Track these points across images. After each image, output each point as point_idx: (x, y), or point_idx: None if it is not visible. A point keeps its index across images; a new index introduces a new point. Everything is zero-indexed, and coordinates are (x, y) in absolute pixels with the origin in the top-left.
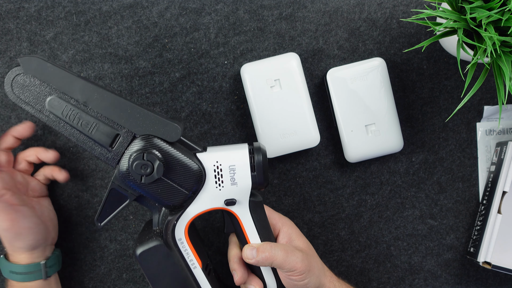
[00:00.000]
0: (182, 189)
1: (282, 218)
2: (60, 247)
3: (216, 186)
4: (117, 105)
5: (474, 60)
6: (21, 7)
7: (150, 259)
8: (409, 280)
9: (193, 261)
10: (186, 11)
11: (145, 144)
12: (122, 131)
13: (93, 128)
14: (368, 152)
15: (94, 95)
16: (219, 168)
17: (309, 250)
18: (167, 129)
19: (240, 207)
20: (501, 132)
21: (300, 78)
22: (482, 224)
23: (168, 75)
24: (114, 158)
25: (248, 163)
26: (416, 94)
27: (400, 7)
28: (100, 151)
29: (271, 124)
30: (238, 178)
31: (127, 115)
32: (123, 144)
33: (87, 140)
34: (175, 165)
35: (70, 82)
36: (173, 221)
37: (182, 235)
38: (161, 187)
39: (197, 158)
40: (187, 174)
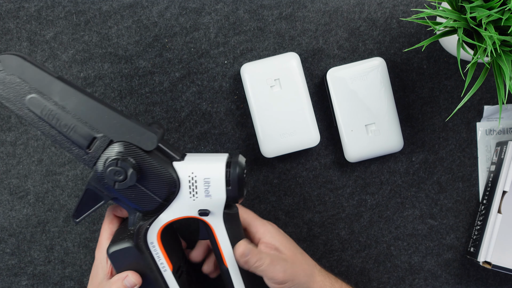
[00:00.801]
0: (155, 197)
1: (264, 225)
2: (60, 247)
3: (190, 196)
4: (95, 110)
5: (474, 60)
6: (21, 6)
7: (121, 259)
8: (409, 280)
9: (164, 264)
10: (186, 10)
11: (121, 150)
12: (99, 135)
13: (71, 129)
14: (368, 152)
15: (73, 98)
16: (194, 180)
17: (295, 257)
18: (143, 138)
19: (213, 218)
20: (501, 132)
21: (300, 78)
22: (482, 224)
23: (168, 74)
24: (91, 160)
25: (223, 178)
26: (416, 93)
27: (400, 7)
28: (77, 152)
29: (271, 124)
30: (212, 191)
31: (105, 121)
32: (100, 148)
33: (64, 141)
34: (149, 173)
35: (49, 83)
36: (145, 226)
37: (154, 239)
38: (135, 193)
39: (173, 167)
40: (160, 183)
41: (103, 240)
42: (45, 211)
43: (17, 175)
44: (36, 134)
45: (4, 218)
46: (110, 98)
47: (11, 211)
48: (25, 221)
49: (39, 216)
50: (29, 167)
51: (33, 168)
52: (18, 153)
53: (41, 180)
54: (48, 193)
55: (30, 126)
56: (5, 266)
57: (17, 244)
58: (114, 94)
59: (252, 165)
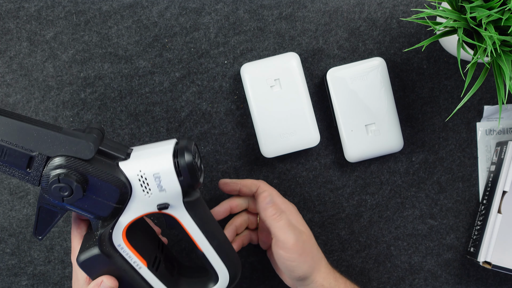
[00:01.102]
0: (108, 202)
1: (284, 203)
2: (60, 247)
3: (144, 194)
4: (22, 131)
5: (474, 60)
6: (21, 6)
7: (92, 266)
8: (409, 280)
9: (137, 262)
10: (186, 10)
11: (60, 164)
12: (35, 153)
13: (5, 154)
14: (368, 152)
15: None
16: (144, 177)
17: (310, 239)
18: (79, 148)
19: (175, 209)
20: (501, 132)
21: (300, 78)
22: (482, 224)
23: (168, 74)
24: (34, 179)
25: (172, 169)
26: (416, 93)
27: (400, 7)
28: (19, 174)
29: (271, 124)
30: (165, 185)
31: (35, 139)
32: (39, 166)
33: (3, 166)
34: (96, 181)
35: None
36: (107, 231)
37: (121, 241)
38: (87, 202)
39: (120, 169)
40: (110, 189)
41: (75, 245)
42: None
43: None
44: None
45: (4, 218)
46: (110, 98)
47: (11, 211)
48: (25, 221)
49: None
50: None
51: None
52: None
53: None
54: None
55: None
56: (5, 266)
57: (17, 244)
58: (114, 94)
59: (252, 165)
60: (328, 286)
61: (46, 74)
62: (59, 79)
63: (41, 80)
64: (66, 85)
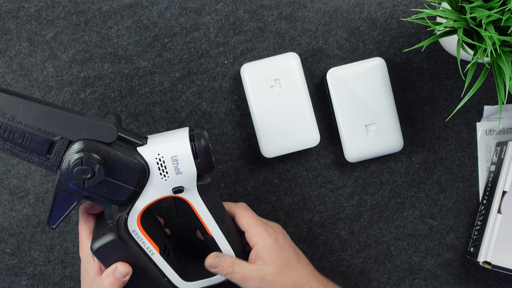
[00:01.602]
0: (127, 186)
1: (259, 233)
2: (60, 247)
3: (161, 177)
4: (45, 114)
5: (474, 60)
6: (21, 6)
7: (106, 253)
8: (409, 280)
9: (150, 248)
10: (186, 10)
11: (82, 148)
12: (57, 138)
13: (26, 139)
14: (368, 152)
15: (20, 107)
16: (162, 160)
17: (279, 276)
18: (101, 131)
19: (189, 193)
20: (501, 132)
21: (300, 78)
22: (482, 224)
23: (168, 74)
24: (54, 165)
25: (190, 152)
26: (416, 94)
27: (400, 7)
28: (38, 160)
29: (271, 124)
30: (182, 167)
31: (59, 123)
32: (60, 151)
33: (22, 152)
34: (116, 164)
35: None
36: (124, 216)
37: (135, 227)
38: (106, 186)
39: (139, 153)
40: (129, 172)
41: (84, 239)
42: (45, 211)
43: (17, 175)
44: None
45: (4, 218)
46: (110, 98)
47: (11, 211)
48: (25, 221)
49: (39, 216)
50: (29, 167)
51: (33, 168)
52: None
53: (41, 180)
54: (48, 193)
55: None
56: (5, 266)
57: (17, 244)
58: (114, 94)
59: (252, 165)
60: None
61: (46, 74)
62: (59, 79)
63: (41, 80)
64: (66, 85)
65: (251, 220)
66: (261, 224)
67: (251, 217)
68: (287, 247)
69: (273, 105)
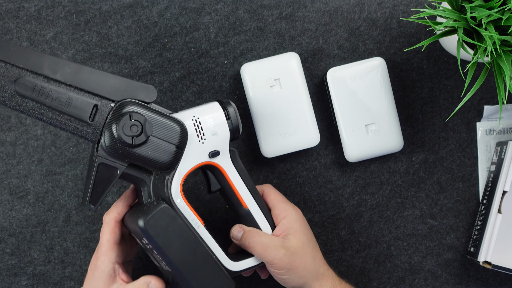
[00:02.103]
0: (170, 144)
1: (286, 210)
2: (60, 247)
3: (199, 140)
4: (90, 75)
5: (474, 60)
6: (21, 6)
7: (157, 225)
8: (409, 280)
9: (196, 221)
10: (186, 10)
11: (127, 107)
12: (100, 101)
13: (68, 104)
14: (368, 152)
15: (65, 68)
16: (198, 121)
17: (301, 249)
18: (144, 91)
19: (222, 158)
20: (501, 132)
21: (300, 77)
22: (482, 224)
23: (168, 74)
24: (96, 132)
25: (222, 112)
26: (416, 93)
27: (400, 7)
28: (80, 127)
29: (271, 124)
30: (216, 127)
31: (102, 84)
32: (103, 114)
33: (64, 119)
34: (159, 122)
35: (37, 58)
36: (165, 183)
37: (179, 196)
38: (151, 146)
39: (175, 117)
40: (171, 129)
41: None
42: (45, 211)
43: (17, 175)
44: (36, 134)
45: (4, 218)
46: None
47: (11, 211)
48: (25, 221)
49: (39, 216)
50: (29, 167)
51: (33, 168)
52: (18, 153)
53: (41, 180)
54: (48, 193)
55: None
56: (5, 266)
57: (17, 244)
58: None
59: (252, 165)
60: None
61: None
62: None
63: None
64: None
65: (279, 197)
66: (288, 202)
67: (278, 195)
68: (309, 226)
69: (273, 105)
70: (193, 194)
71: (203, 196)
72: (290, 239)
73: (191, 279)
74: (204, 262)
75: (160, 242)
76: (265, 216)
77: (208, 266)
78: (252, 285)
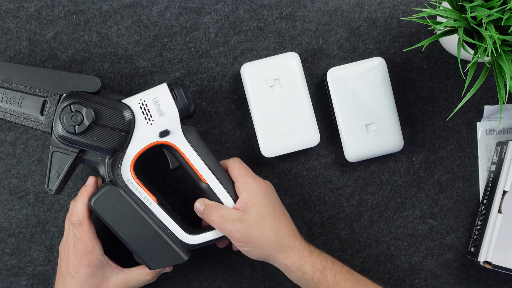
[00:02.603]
0: (116, 131)
1: (248, 182)
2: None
3: (146, 122)
4: (36, 74)
5: (474, 59)
6: (20, 6)
7: (105, 203)
8: (410, 280)
9: (147, 198)
10: (186, 10)
11: (71, 99)
12: (48, 96)
13: (21, 100)
14: (368, 152)
15: (14, 71)
16: (144, 104)
17: (261, 221)
18: (87, 82)
19: (175, 136)
20: (502, 132)
21: (300, 77)
22: (482, 224)
23: (168, 74)
24: (48, 124)
25: (168, 93)
26: (416, 93)
27: (400, 7)
28: (34, 121)
29: (271, 124)
30: (163, 107)
31: (48, 80)
32: (52, 107)
33: (19, 114)
34: (103, 110)
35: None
36: (116, 164)
37: (129, 176)
38: (96, 134)
39: (122, 102)
40: (116, 116)
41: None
42: (45, 211)
43: (17, 175)
44: (36, 134)
45: (4, 218)
46: None
47: (11, 211)
48: (25, 221)
49: (39, 216)
50: (29, 167)
51: (33, 168)
52: (18, 153)
53: (41, 180)
54: (48, 193)
55: None
56: (5, 266)
57: (16, 244)
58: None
59: (252, 165)
60: (291, 265)
61: None
62: None
63: None
64: None
65: (242, 170)
66: (252, 175)
67: (242, 168)
68: (274, 199)
69: (273, 105)
70: (161, 173)
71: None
72: (250, 211)
73: (141, 252)
74: (152, 236)
75: (108, 220)
76: (226, 189)
77: (157, 240)
78: (252, 285)
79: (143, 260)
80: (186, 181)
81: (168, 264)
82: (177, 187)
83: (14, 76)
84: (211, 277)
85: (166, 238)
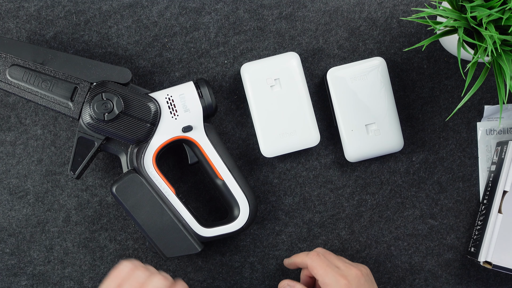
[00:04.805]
0: (142, 122)
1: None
2: (60, 247)
3: (171, 116)
4: (70, 61)
5: (474, 59)
6: (20, 6)
7: (127, 191)
8: (410, 280)
9: (166, 189)
10: (186, 10)
11: (102, 87)
12: (79, 83)
13: (53, 85)
14: (368, 152)
15: (49, 56)
16: (171, 99)
17: None
18: (118, 73)
19: (197, 132)
20: (502, 132)
21: (300, 77)
22: (482, 224)
23: (168, 74)
24: (76, 109)
25: (195, 90)
26: (416, 93)
27: (400, 6)
28: (63, 106)
29: (271, 124)
30: (189, 104)
31: (81, 68)
32: (82, 94)
33: (49, 99)
34: (132, 101)
35: (24, 49)
36: (140, 154)
37: (151, 166)
38: (123, 123)
39: (150, 96)
40: (143, 108)
41: None
42: (45, 211)
43: (17, 175)
44: (36, 134)
45: (4, 218)
46: None
47: (11, 211)
48: (25, 221)
49: (39, 216)
50: (28, 167)
51: (33, 168)
52: (18, 153)
53: (41, 180)
54: (48, 193)
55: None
56: (4, 266)
57: (16, 244)
58: None
59: (252, 165)
60: None
61: None
62: None
63: None
64: None
65: (321, 271)
66: (332, 273)
67: (322, 266)
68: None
69: (273, 105)
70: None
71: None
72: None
73: (158, 240)
74: (169, 225)
75: (128, 206)
76: (240, 187)
77: (174, 229)
78: (252, 285)
79: (158, 248)
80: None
81: (182, 253)
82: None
83: (48, 61)
84: (211, 277)
85: (182, 229)
